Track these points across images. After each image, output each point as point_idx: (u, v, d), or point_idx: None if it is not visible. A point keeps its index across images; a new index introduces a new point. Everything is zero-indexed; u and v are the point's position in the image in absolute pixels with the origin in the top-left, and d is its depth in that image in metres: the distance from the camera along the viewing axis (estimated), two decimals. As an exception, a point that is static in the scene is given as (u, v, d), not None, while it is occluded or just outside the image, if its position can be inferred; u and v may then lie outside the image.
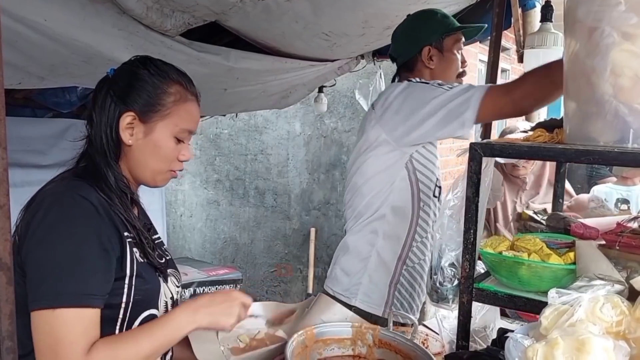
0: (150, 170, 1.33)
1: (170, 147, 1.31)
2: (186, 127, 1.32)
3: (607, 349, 1.00)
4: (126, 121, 1.28)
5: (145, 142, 1.29)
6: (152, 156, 1.30)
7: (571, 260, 1.42)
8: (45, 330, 1.10)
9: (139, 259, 1.26)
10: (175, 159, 1.33)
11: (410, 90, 1.91)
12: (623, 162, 1.22)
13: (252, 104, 3.69)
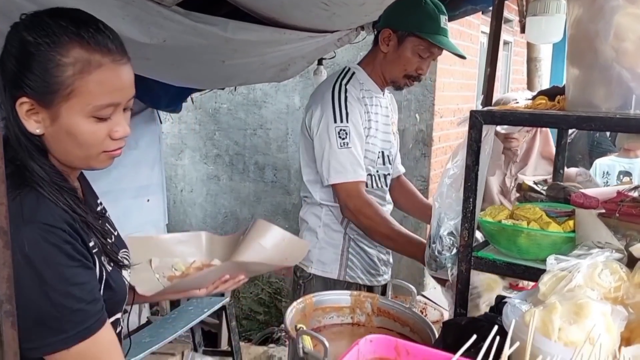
0: (77, 158, 1.08)
1: (89, 130, 1.03)
2: (103, 103, 1.03)
3: (605, 313, 1.00)
4: (24, 109, 1.01)
5: (56, 130, 1.03)
6: (70, 144, 1.04)
7: (570, 229, 1.41)
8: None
9: (107, 268, 1.10)
10: (104, 139, 1.06)
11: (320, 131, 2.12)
12: (625, 128, 1.21)
13: (251, 76, 3.65)
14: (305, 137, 2.22)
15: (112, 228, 1.28)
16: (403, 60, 2.13)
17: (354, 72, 2.20)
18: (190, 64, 2.90)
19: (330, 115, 2.08)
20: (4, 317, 0.86)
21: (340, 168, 2.06)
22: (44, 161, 1.05)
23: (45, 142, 1.06)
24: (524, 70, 4.99)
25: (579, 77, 1.34)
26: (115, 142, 1.08)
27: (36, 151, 1.04)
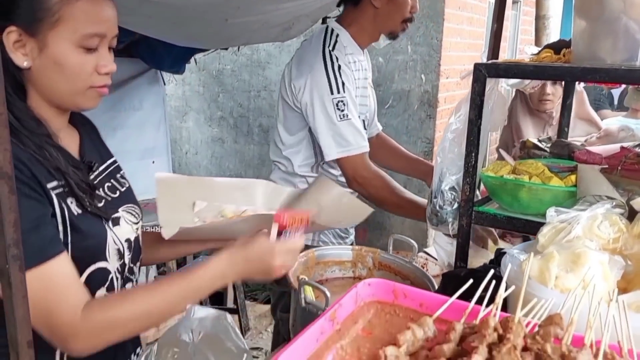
0: (63, 93, 1.08)
1: (76, 61, 1.05)
2: (89, 32, 1.05)
3: (602, 262, 1.01)
4: (11, 39, 1.02)
5: (44, 60, 1.04)
6: (57, 75, 1.05)
7: (572, 183, 1.42)
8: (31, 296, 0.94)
9: (74, 211, 1.07)
10: (90, 73, 1.07)
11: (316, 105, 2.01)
12: (630, 79, 1.20)
13: (254, 36, 3.60)
14: (287, 105, 2.12)
15: (118, 184, 1.27)
16: (401, 6, 2.07)
17: (337, 34, 2.09)
18: (192, 22, 2.87)
19: (326, 87, 1.99)
20: (11, 260, 0.88)
21: (343, 142, 1.99)
22: (19, 105, 1.05)
23: (31, 78, 1.06)
24: (533, 30, 4.90)
25: (585, 30, 1.32)
26: (101, 77, 1.09)
27: (15, 89, 1.05)
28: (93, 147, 1.26)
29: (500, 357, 0.63)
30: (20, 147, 1.02)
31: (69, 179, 1.08)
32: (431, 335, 0.75)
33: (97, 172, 1.22)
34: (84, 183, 1.12)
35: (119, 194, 1.25)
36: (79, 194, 1.08)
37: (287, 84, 2.11)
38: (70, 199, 1.08)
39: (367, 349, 0.74)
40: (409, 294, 0.86)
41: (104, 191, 1.21)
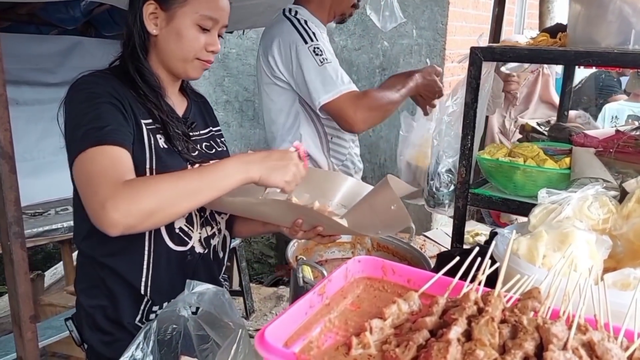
0: (177, 59, 1.33)
1: (192, 35, 1.30)
2: (207, 14, 1.30)
3: (589, 241, 1.03)
4: (149, 10, 1.29)
5: (168, 31, 1.30)
6: (176, 44, 1.31)
7: (566, 166, 1.44)
8: (80, 174, 1.14)
9: (161, 145, 1.29)
10: (201, 48, 1.31)
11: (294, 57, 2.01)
12: (623, 63, 1.21)
13: (259, 19, 3.60)
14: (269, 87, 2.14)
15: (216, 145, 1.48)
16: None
17: (296, 11, 2.12)
18: (197, 6, 2.87)
19: (298, 39, 1.99)
20: (13, 238, 0.91)
21: (330, 84, 1.93)
22: (143, 61, 1.32)
23: (156, 44, 1.33)
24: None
25: (580, 13, 1.33)
26: (208, 54, 1.33)
27: (142, 53, 1.32)
28: (199, 115, 1.51)
29: (478, 328, 0.66)
30: (128, 91, 1.27)
31: (164, 120, 1.31)
32: (416, 309, 0.78)
33: (198, 132, 1.45)
34: (178, 129, 1.34)
35: (214, 151, 1.46)
36: (171, 133, 1.30)
37: (264, 66, 2.12)
38: (159, 135, 1.30)
39: (354, 321, 0.77)
40: (397, 270, 0.88)
41: (200, 146, 1.42)
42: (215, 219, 1.42)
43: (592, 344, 0.64)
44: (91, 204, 1.09)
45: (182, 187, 1.13)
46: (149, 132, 1.27)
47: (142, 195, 1.09)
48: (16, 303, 0.90)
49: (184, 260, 1.35)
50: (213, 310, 1.16)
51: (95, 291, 1.32)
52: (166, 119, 1.32)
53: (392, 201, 1.15)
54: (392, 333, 0.72)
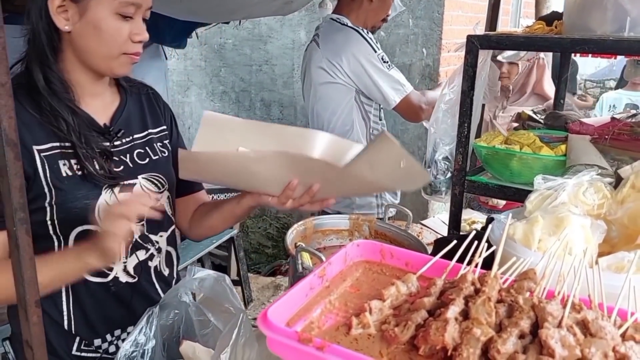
0: (99, 57, 1.15)
1: (113, 26, 1.12)
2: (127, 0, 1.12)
3: (584, 225, 1.05)
4: (55, 4, 1.09)
5: (83, 25, 1.11)
6: (95, 40, 1.12)
7: (562, 153, 1.45)
8: None
9: (64, 173, 1.13)
10: (125, 40, 1.14)
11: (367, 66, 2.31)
12: (618, 50, 1.22)
13: (255, 10, 3.60)
14: (331, 85, 2.36)
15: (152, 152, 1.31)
16: (386, 6, 2.41)
17: (347, 21, 2.39)
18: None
19: (368, 49, 2.30)
20: (18, 224, 0.92)
21: (399, 87, 2.29)
22: (50, 64, 1.13)
23: (70, 42, 1.14)
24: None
25: (576, 1, 1.34)
26: (134, 45, 1.16)
27: (51, 51, 1.13)
28: (136, 115, 1.32)
29: (475, 307, 0.67)
30: (24, 111, 1.10)
31: (73, 140, 1.13)
32: (414, 291, 0.79)
33: (129, 138, 1.27)
34: (93, 145, 1.17)
35: (148, 161, 1.29)
36: (81, 155, 1.13)
37: (326, 68, 2.37)
38: (62, 161, 1.13)
39: (354, 303, 0.79)
40: (395, 253, 0.90)
41: (130, 157, 1.26)
42: (150, 241, 1.30)
43: (586, 322, 0.66)
44: None
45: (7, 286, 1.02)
46: (44, 162, 1.11)
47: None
48: (22, 288, 0.91)
49: (108, 292, 1.24)
50: (214, 295, 1.18)
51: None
52: (75, 140, 1.14)
53: (398, 157, 1.05)
54: (391, 314, 0.74)
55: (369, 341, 0.70)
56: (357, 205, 2.41)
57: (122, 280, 1.25)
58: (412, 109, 2.33)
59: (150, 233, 1.29)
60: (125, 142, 1.26)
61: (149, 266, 1.30)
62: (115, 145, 1.24)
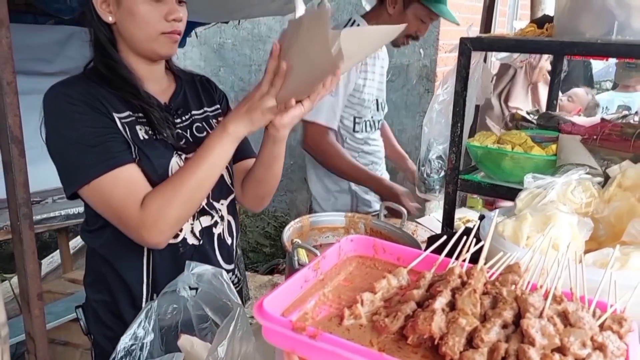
0: (141, 41, 1.27)
1: (145, 9, 1.23)
2: None
3: (571, 223, 1.08)
4: (99, 0, 1.24)
5: (122, 13, 1.24)
6: (133, 24, 1.25)
7: (553, 152, 1.49)
8: (98, 203, 1.21)
9: (141, 137, 1.27)
10: (159, 20, 1.25)
11: None
12: (606, 53, 1.26)
13: (255, 10, 3.63)
14: None
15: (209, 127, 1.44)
16: (408, 24, 2.25)
17: (358, 25, 2.35)
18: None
19: None
20: (22, 219, 0.96)
21: (317, 108, 2.20)
22: (111, 56, 1.28)
23: (118, 32, 1.27)
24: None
25: (566, 5, 1.38)
26: (169, 24, 1.26)
27: (108, 44, 1.27)
28: (192, 95, 1.46)
29: (461, 299, 0.71)
30: (101, 89, 1.24)
31: (144, 106, 1.28)
32: (405, 284, 0.82)
33: (188, 116, 1.41)
34: (160, 116, 1.31)
35: (206, 134, 1.41)
36: (153, 120, 1.28)
37: None
38: (139, 127, 1.27)
39: (347, 295, 0.82)
40: (387, 248, 0.93)
41: (190, 132, 1.39)
42: (214, 207, 1.41)
43: (566, 313, 0.69)
44: (125, 230, 1.22)
45: (189, 188, 1.20)
46: (124, 126, 1.25)
47: (164, 213, 1.19)
48: (25, 281, 0.94)
49: (177, 254, 1.34)
50: (212, 290, 1.21)
51: (99, 286, 1.36)
52: (145, 106, 1.29)
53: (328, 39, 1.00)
54: (382, 305, 0.77)
55: (361, 331, 0.73)
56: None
57: (189, 242, 1.35)
58: (307, 135, 2.35)
59: (214, 200, 1.40)
60: (184, 120, 1.40)
61: (212, 233, 1.40)
62: (176, 123, 1.37)
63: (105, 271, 1.34)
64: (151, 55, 1.31)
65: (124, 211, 1.19)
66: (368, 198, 2.47)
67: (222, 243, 1.44)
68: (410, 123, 4.80)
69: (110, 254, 1.32)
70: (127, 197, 1.18)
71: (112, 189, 1.18)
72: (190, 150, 1.33)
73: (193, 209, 1.28)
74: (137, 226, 1.20)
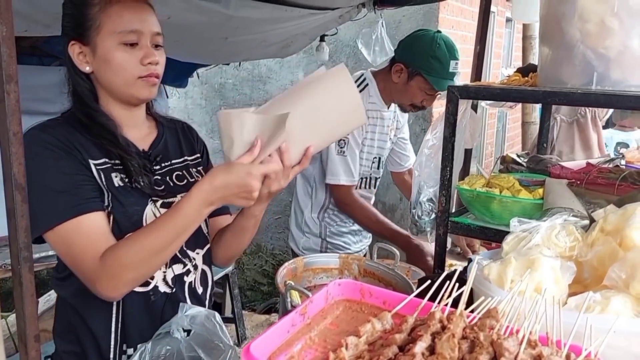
0: (119, 86, 1.27)
1: (120, 56, 1.24)
2: (125, 29, 1.24)
3: (554, 267, 1.11)
4: (75, 51, 1.26)
5: (98, 62, 1.26)
6: (109, 72, 1.26)
7: (540, 196, 1.53)
8: (60, 250, 1.21)
9: (116, 184, 1.26)
10: (135, 65, 1.25)
11: None
12: (586, 102, 1.31)
13: (254, 53, 3.74)
14: None
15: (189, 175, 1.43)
16: (410, 94, 2.35)
17: (367, 84, 2.41)
18: (194, 41, 3.00)
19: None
20: (23, 262, 0.99)
21: (334, 170, 2.33)
22: (89, 105, 1.28)
23: (96, 80, 1.29)
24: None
25: (548, 55, 1.44)
26: (145, 67, 1.26)
27: (86, 94, 1.28)
28: (173, 143, 1.46)
29: (440, 343, 0.73)
30: (78, 134, 1.25)
31: (121, 153, 1.27)
32: (389, 328, 0.85)
33: (168, 163, 1.41)
34: (138, 163, 1.30)
35: (186, 182, 1.41)
36: (129, 168, 1.27)
37: None
38: (114, 174, 1.27)
39: (333, 339, 0.85)
40: (374, 293, 0.97)
41: (169, 178, 1.38)
42: (187, 256, 1.38)
43: (541, 356, 0.72)
44: (81, 278, 1.21)
45: (153, 247, 1.17)
46: (99, 172, 1.25)
47: (122, 270, 1.17)
48: (23, 323, 0.97)
49: (148, 302, 1.32)
50: (204, 332, 1.23)
51: (69, 336, 1.34)
52: (123, 153, 1.28)
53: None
54: (366, 349, 0.80)
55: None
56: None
57: (161, 290, 1.33)
58: (335, 197, 2.41)
59: (188, 248, 1.37)
60: (164, 167, 1.40)
61: (184, 281, 1.37)
62: (155, 169, 1.37)
63: (74, 321, 1.32)
64: (130, 99, 1.31)
65: (82, 261, 1.18)
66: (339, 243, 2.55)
67: (193, 292, 1.40)
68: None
69: (78, 303, 1.30)
70: (87, 246, 1.17)
71: (74, 237, 1.17)
72: (168, 198, 1.33)
73: (153, 270, 1.25)
74: (92, 279, 1.18)
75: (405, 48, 2.38)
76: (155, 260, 1.21)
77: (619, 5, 1.29)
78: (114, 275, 1.17)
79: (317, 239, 2.56)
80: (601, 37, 1.31)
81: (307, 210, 2.55)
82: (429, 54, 2.26)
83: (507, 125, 7.93)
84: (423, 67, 2.27)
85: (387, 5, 3.41)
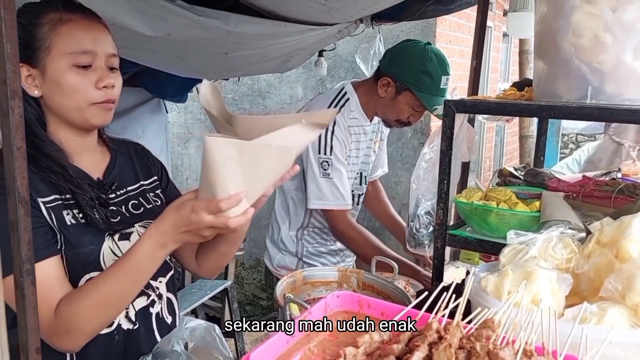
0: (70, 111, 1.19)
1: (72, 78, 1.16)
2: (77, 49, 1.16)
3: (551, 279, 1.13)
4: (23, 75, 1.14)
5: (48, 85, 1.17)
6: (60, 95, 1.17)
7: (537, 209, 1.54)
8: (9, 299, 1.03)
9: (68, 222, 1.17)
10: (89, 89, 1.17)
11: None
12: (581, 116, 1.33)
13: (254, 68, 3.77)
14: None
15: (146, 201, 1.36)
16: (397, 109, 2.23)
17: (348, 99, 2.28)
18: (194, 56, 3.03)
19: (316, 145, 2.18)
20: (25, 275, 1.00)
21: (320, 195, 2.22)
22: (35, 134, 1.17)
23: (46, 105, 1.19)
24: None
25: (543, 70, 1.46)
26: (101, 92, 1.19)
27: (34, 121, 1.17)
28: (127, 169, 1.38)
29: (437, 354, 0.74)
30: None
31: (72, 188, 1.18)
32: (386, 339, 0.86)
33: (123, 191, 1.33)
34: (91, 196, 1.22)
35: (142, 210, 1.34)
36: (82, 202, 1.18)
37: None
38: (66, 211, 1.18)
39: (331, 350, 0.86)
40: (372, 304, 0.98)
41: (125, 208, 1.31)
42: (150, 286, 1.31)
43: (536, 367, 0.73)
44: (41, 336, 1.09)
45: (109, 297, 1.11)
46: (49, 211, 1.15)
47: (78, 323, 1.10)
48: (25, 335, 0.98)
49: (112, 342, 1.24)
50: (204, 345, 1.24)
51: None
52: (74, 188, 1.19)
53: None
54: (364, 359, 0.81)
55: (343, 385, 0.76)
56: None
57: (124, 328, 1.26)
58: (329, 223, 2.30)
59: (150, 278, 1.25)
60: (119, 195, 1.32)
61: (150, 313, 1.31)
62: (110, 198, 1.29)
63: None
64: (83, 125, 1.22)
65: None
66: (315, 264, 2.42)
67: (161, 322, 1.34)
68: (405, 175, 4.88)
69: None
70: (42, 300, 1.02)
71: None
72: (126, 229, 1.26)
73: (114, 317, 1.19)
74: (49, 334, 1.09)
75: (393, 60, 2.23)
76: (113, 309, 1.15)
77: (612, 20, 1.32)
78: (70, 329, 1.10)
79: (293, 258, 2.43)
80: (595, 51, 1.33)
81: (284, 227, 2.42)
82: (419, 69, 2.13)
83: (505, 139, 7.97)
84: (412, 83, 2.14)
85: (385, 20, 3.45)
